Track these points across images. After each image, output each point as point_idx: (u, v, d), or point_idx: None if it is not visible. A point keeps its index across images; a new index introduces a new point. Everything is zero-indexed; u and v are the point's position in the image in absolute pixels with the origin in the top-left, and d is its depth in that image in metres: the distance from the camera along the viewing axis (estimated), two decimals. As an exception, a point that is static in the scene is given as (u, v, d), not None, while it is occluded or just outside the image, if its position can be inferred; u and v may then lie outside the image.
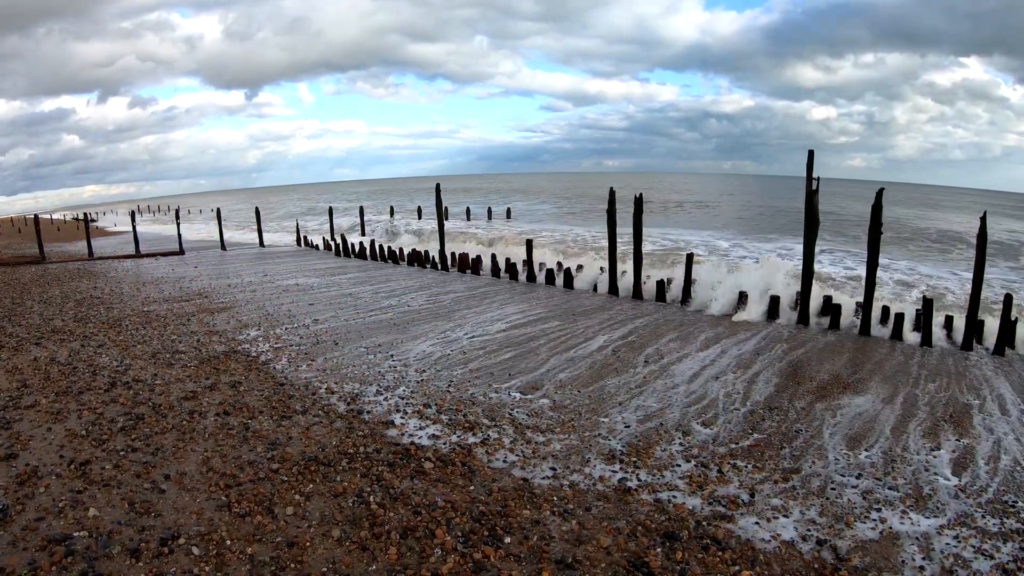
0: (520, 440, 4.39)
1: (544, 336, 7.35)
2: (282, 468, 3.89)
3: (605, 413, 4.92)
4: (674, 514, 3.42)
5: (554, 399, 5.25)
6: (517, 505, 3.46)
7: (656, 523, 3.33)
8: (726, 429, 4.64)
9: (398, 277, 12.58)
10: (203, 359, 6.28)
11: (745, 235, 22.60)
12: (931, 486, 3.82)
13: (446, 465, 3.91)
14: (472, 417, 4.76)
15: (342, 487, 3.65)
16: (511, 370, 6.01)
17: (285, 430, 4.45)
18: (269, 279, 12.37)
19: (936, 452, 4.30)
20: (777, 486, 3.77)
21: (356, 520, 3.33)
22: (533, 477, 3.79)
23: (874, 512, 3.49)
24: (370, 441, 4.27)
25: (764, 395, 5.39)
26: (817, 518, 3.42)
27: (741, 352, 6.80)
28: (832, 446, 4.39)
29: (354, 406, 4.91)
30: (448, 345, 6.94)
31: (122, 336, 7.30)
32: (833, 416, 4.92)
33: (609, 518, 3.37)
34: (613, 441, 4.41)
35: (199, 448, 4.19)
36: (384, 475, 3.79)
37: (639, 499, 3.58)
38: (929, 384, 5.83)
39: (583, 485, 3.72)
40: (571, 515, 3.38)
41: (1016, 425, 4.81)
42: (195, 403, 4.99)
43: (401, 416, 4.76)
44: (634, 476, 3.85)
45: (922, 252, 18.38)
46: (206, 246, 21.63)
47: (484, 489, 3.63)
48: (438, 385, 5.53)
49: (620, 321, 8.26)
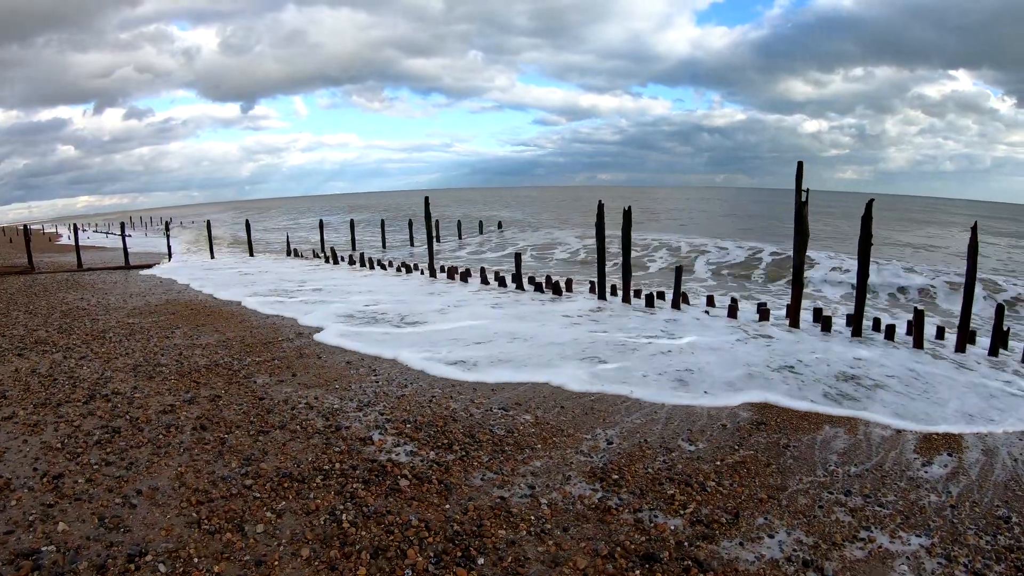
0: (499, 455, 4.43)
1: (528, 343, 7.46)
2: (256, 484, 3.95)
3: (589, 429, 4.97)
4: (655, 534, 3.45)
5: (536, 414, 5.31)
6: (493, 524, 3.49)
7: (636, 544, 3.35)
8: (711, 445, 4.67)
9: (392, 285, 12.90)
10: (184, 372, 6.38)
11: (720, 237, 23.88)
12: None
13: (422, 482, 3.95)
14: (451, 434, 4.79)
15: (315, 504, 3.71)
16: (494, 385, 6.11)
17: (261, 445, 4.52)
18: (255, 291, 12.71)
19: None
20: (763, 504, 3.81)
21: (327, 539, 3.38)
22: (511, 495, 3.83)
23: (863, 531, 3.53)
24: (347, 457, 4.32)
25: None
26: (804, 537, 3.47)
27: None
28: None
29: (332, 422, 4.98)
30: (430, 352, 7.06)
31: (105, 348, 7.44)
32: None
33: (587, 538, 3.39)
34: (595, 458, 4.45)
35: (173, 463, 4.27)
36: (359, 492, 3.84)
37: (620, 519, 3.60)
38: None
39: (562, 504, 3.75)
40: (548, 535, 3.40)
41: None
42: (173, 417, 5.07)
43: (380, 432, 4.82)
44: (615, 495, 3.89)
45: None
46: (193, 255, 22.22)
47: (460, 507, 3.66)
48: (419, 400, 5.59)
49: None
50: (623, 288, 10.48)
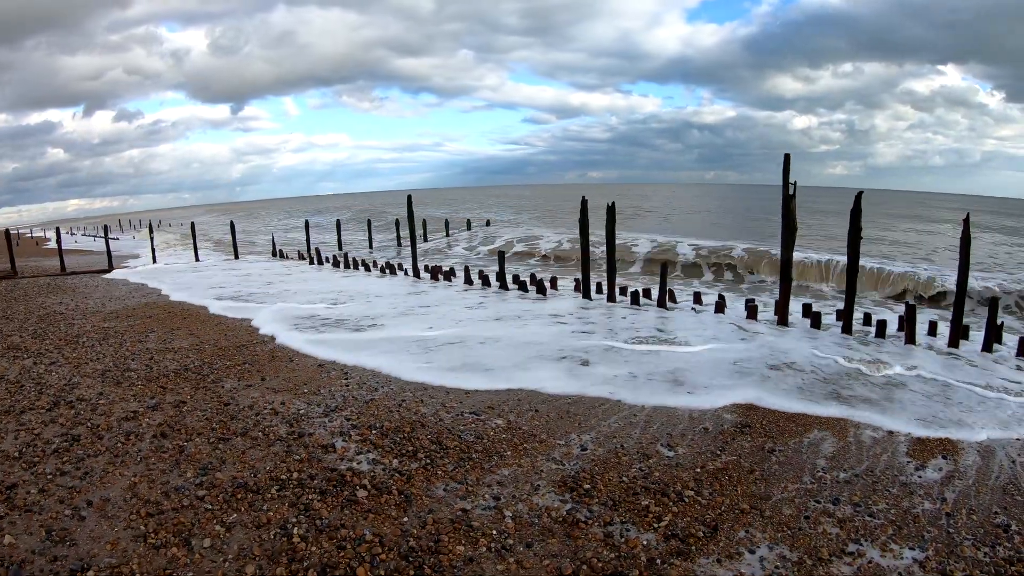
0: (466, 463, 4.23)
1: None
2: (209, 495, 3.79)
3: (563, 434, 4.77)
4: (625, 551, 3.24)
5: (509, 419, 5.11)
6: (451, 540, 3.29)
7: (604, 561, 3.15)
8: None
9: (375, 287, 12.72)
10: (152, 377, 6.23)
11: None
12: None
13: (381, 493, 3.77)
14: (418, 440, 4.61)
15: (267, 517, 3.53)
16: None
17: (220, 453, 4.35)
18: (231, 290, 12.56)
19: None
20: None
21: (275, 555, 3.20)
22: (474, 507, 3.63)
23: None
24: (306, 466, 4.15)
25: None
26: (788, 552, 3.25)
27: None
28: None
29: (296, 428, 4.80)
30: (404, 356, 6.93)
31: (76, 353, 7.30)
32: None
33: (551, 556, 3.19)
34: (567, 465, 4.25)
35: (128, 472, 4.11)
36: (314, 504, 3.65)
37: (588, 533, 3.39)
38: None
39: (527, 517, 3.55)
40: (510, 552, 3.20)
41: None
42: (135, 424, 4.92)
43: (343, 439, 4.63)
44: (585, 507, 3.67)
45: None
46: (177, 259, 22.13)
47: (419, 521, 3.47)
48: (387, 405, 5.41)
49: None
50: (608, 286, 10.27)
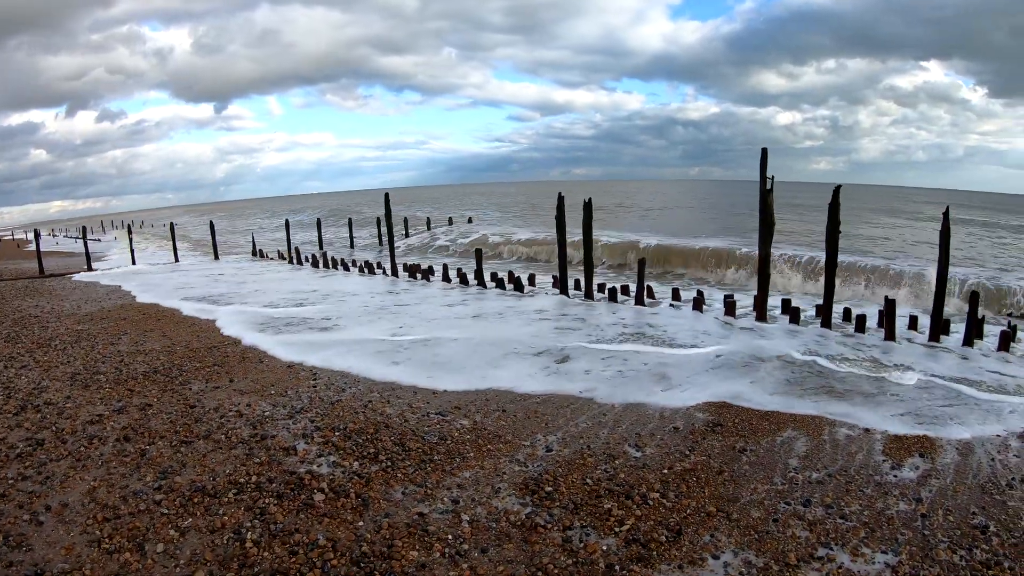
0: (427, 465, 4.20)
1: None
2: (166, 500, 3.76)
3: (529, 435, 4.72)
4: (583, 556, 3.18)
5: (475, 419, 5.08)
6: (405, 545, 3.25)
7: (560, 567, 3.08)
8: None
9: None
10: (121, 380, 6.18)
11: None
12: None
13: (339, 496, 3.74)
14: (380, 442, 4.56)
15: (221, 522, 3.50)
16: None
17: (182, 457, 4.32)
18: (205, 292, 12.51)
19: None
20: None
21: (226, 560, 3.17)
22: (431, 511, 3.59)
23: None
24: (266, 469, 4.11)
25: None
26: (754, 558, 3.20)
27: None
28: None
29: (259, 431, 4.77)
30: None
31: (48, 356, 7.26)
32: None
33: (507, 561, 3.13)
34: (531, 467, 4.21)
35: (89, 476, 4.09)
36: (270, 508, 3.62)
37: (547, 538, 3.33)
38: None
39: (485, 521, 3.50)
40: (464, 558, 3.15)
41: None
42: (99, 427, 4.89)
43: (305, 441, 4.60)
44: (545, 510, 3.62)
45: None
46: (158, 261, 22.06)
47: (374, 525, 3.43)
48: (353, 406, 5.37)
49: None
50: (585, 283, 10.24)
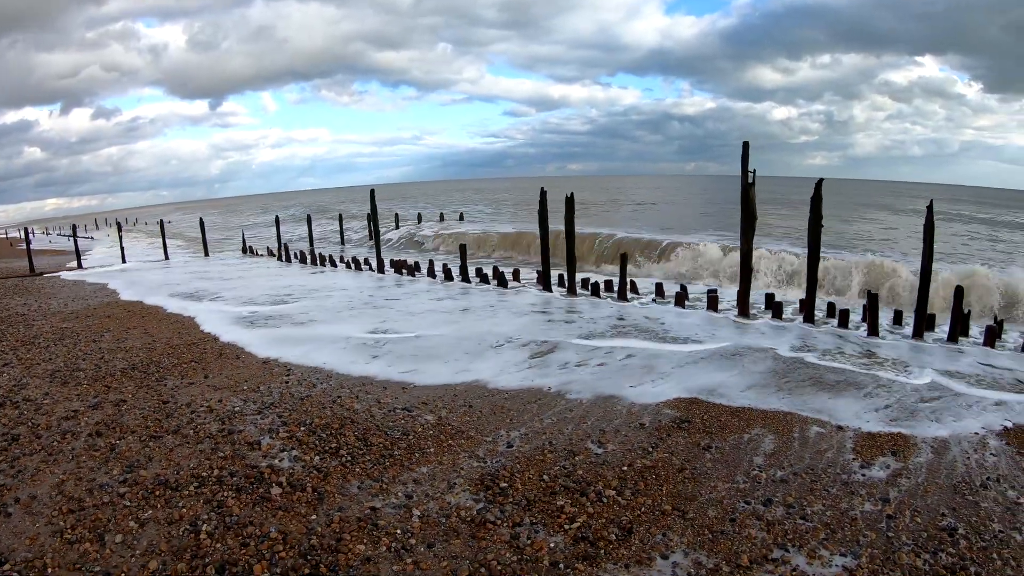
0: (386, 460, 4.26)
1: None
2: (130, 492, 3.85)
3: (492, 430, 4.76)
4: (529, 553, 3.18)
5: (441, 414, 5.13)
6: (353, 539, 3.31)
7: (503, 564, 3.10)
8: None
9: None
10: (99, 376, 6.29)
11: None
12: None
13: (295, 490, 3.81)
14: (344, 437, 4.63)
15: (180, 514, 3.59)
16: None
17: (149, 451, 4.42)
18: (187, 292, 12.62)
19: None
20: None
21: (179, 551, 3.26)
22: (384, 506, 3.65)
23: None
24: (229, 463, 4.20)
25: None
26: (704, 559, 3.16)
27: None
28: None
29: (227, 426, 4.86)
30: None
31: (31, 354, 7.37)
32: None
33: (451, 557, 3.17)
34: (489, 463, 4.25)
35: (59, 470, 4.20)
36: (227, 501, 3.70)
37: (495, 534, 3.35)
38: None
39: (436, 516, 3.55)
40: (409, 553, 3.20)
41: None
42: (73, 423, 5.01)
43: (271, 436, 4.68)
44: (497, 507, 3.65)
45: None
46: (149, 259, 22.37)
47: (326, 519, 3.51)
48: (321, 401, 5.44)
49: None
50: (568, 279, 10.25)
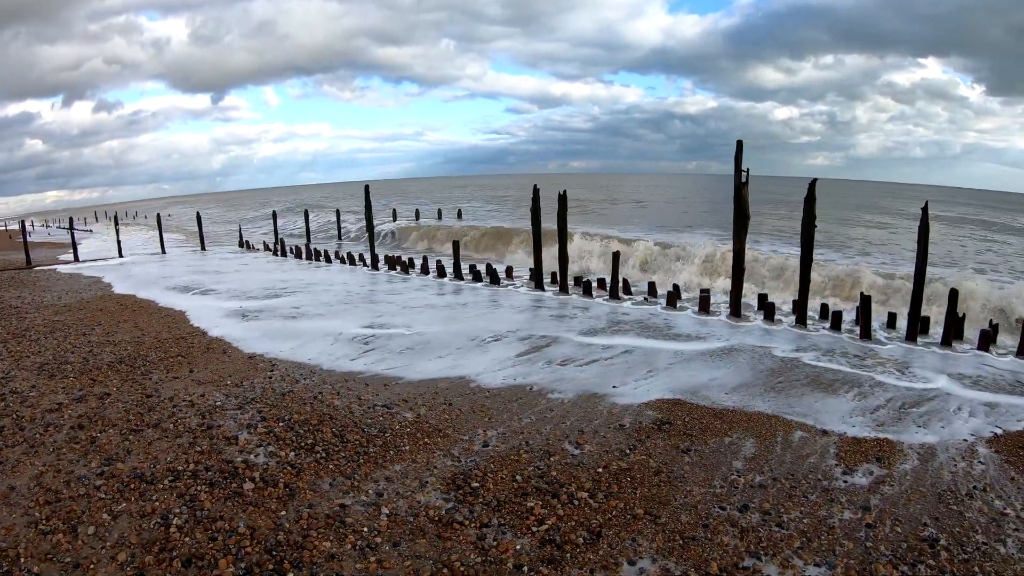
0: (360, 457, 4.28)
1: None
2: (106, 485, 3.91)
3: (470, 429, 4.76)
4: (494, 555, 3.17)
5: (420, 412, 5.15)
6: (320, 536, 3.33)
7: (467, 566, 3.08)
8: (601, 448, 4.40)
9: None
10: (86, 370, 6.36)
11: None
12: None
13: (267, 486, 3.84)
14: (321, 434, 4.65)
15: (152, 507, 3.63)
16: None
17: (128, 444, 4.48)
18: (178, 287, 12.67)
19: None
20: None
21: (148, 544, 3.30)
22: (354, 503, 3.67)
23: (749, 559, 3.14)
24: (205, 458, 4.25)
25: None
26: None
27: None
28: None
29: (207, 420, 4.90)
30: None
31: (21, 346, 7.45)
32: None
33: (415, 557, 3.17)
34: (464, 462, 4.26)
35: (39, 462, 4.26)
36: (200, 496, 3.75)
37: (461, 535, 3.34)
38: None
39: (404, 515, 3.55)
40: (374, 551, 3.21)
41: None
42: (57, 415, 5.07)
43: (248, 432, 4.72)
44: (467, 507, 3.64)
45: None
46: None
47: (295, 515, 3.53)
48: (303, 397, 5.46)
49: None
50: (559, 277, 10.24)
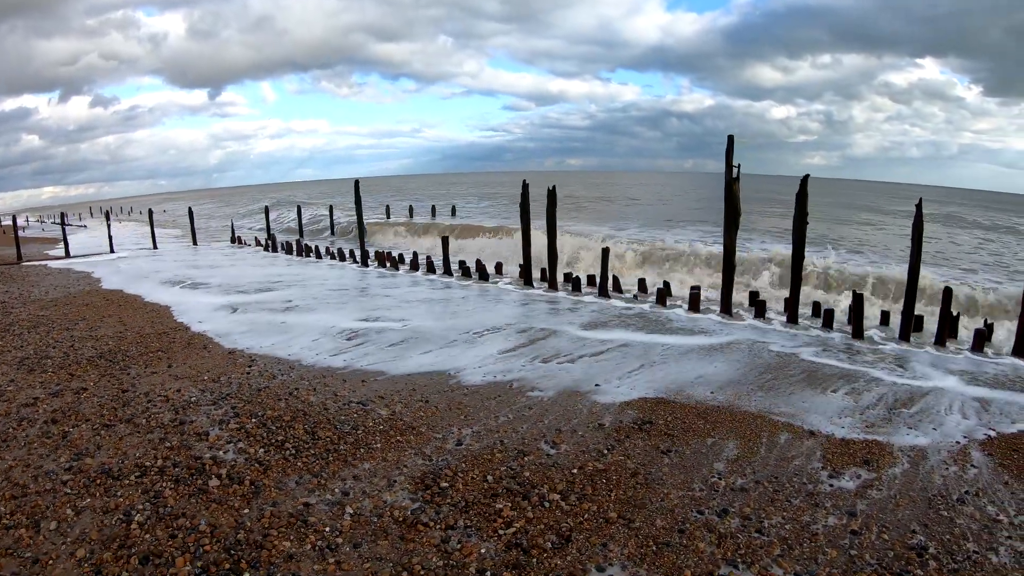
0: (330, 455, 4.22)
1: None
2: (72, 480, 3.88)
3: (445, 427, 4.70)
4: (456, 559, 3.09)
5: (395, 409, 5.09)
6: (280, 535, 3.27)
7: (427, 570, 3.01)
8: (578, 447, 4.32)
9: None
10: (65, 364, 6.34)
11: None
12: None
13: (233, 483, 3.80)
14: (292, 430, 4.60)
15: (116, 503, 3.60)
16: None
17: (100, 440, 4.45)
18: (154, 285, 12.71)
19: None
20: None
21: (108, 540, 3.26)
22: (318, 502, 3.61)
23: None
24: (174, 454, 4.21)
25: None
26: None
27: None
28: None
29: (180, 416, 4.87)
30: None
31: (3, 341, 7.44)
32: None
33: (375, 559, 3.10)
34: (435, 461, 4.19)
35: (9, 456, 4.24)
36: (165, 492, 3.70)
37: (425, 537, 3.26)
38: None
39: (368, 515, 3.48)
40: (334, 552, 3.14)
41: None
42: (32, 410, 5.06)
43: (220, 428, 4.67)
44: (433, 508, 3.56)
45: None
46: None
47: (258, 513, 3.48)
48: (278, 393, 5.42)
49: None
50: (549, 274, 10.15)
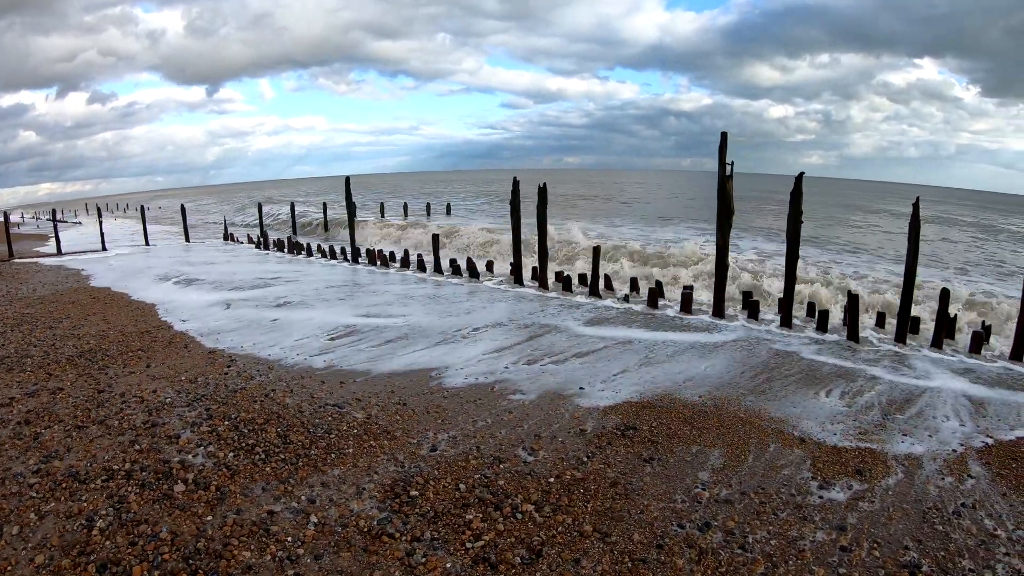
0: (300, 460, 4.13)
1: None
2: (39, 483, 3.82)
3: (421, 431, 4.60)
4: (420, 573, 3.00)
5: (371, 412, 5.00)
6: (241, 545, 3.19)
7: None
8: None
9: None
10: (44, 363, 6.29)
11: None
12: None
13: (199, 489, 3.73)
14: (264, 434, 4.52)
15: (80, 508, 3.54)
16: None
17: (70, 442, 4.39)
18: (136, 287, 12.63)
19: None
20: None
21: (68, 546, 3.21)
22: (283, 510, 3.52)
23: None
24: (143, 457, 4.14)
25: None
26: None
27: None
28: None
29: (153, 418, 4.80)
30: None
31: None
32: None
33: (337, 571, 3.02)
34: (407, 467, 4.10)
35: (-22, 459, 4.26)
36: (129, 497, 3.64)
37: (390, 548, 3.17)
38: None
39: (333, 525, 3.39)
40: (293, 564, 3.06)
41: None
42: (6, 410, 5.01)
43: (192, 430, 4.60)
44: (400, 518, 3.46)
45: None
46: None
47: (220, 520, 3.41)
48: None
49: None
50: (539, 273, 10.01)
